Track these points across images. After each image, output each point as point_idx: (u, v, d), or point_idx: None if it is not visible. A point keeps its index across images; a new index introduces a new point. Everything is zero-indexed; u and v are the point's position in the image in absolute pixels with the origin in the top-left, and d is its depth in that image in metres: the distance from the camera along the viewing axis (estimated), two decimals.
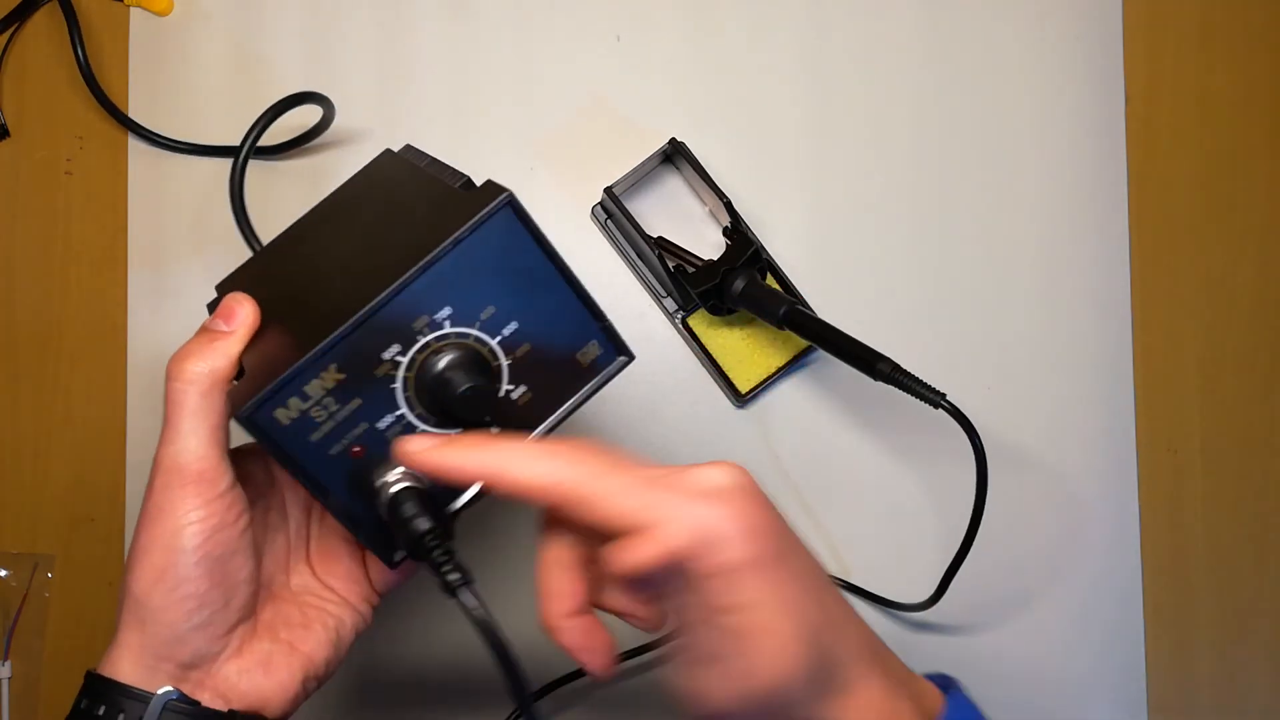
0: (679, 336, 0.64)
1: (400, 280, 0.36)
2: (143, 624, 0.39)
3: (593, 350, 0.40)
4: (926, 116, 0.65)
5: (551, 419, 0.41)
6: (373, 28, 0.65)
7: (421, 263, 0.36)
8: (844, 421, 0.64)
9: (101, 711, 0.39)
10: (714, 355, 0.62)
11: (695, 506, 0.34)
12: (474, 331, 0.38)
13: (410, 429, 0.38)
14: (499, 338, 0.38)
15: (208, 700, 0.40)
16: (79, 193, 0.64)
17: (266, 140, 0.59)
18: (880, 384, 0.53)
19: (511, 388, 0.39)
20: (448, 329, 0.37)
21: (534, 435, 0.41)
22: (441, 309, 0.37)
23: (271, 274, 0.46)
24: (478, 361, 0.38)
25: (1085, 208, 0.65)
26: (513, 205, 0.37)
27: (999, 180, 0.65)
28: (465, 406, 0.37)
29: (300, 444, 0.37)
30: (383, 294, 0.36)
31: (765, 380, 0.62)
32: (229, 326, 0.40)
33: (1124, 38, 0.66)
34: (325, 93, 0.64)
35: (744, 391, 0.62)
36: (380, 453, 0.38)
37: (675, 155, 0.62)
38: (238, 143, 0.63)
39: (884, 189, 0.65)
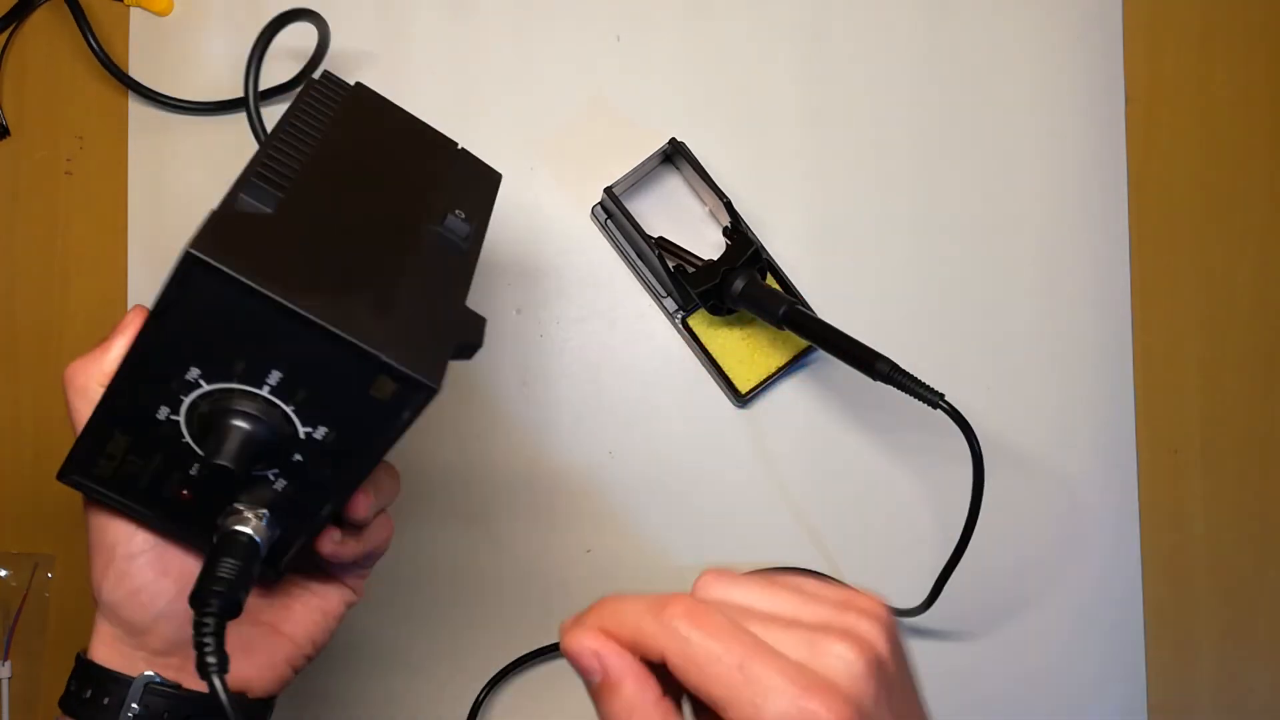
0: (679, 336, 0.64)
1: (127, 355, 0.35)
2: (107, 617, 0.40)
3: (387, 385, 0.35)
4: (926, 117, 0.65)
5: (364, 465, 0.38)
6: (372, 28, 0.65)
7: (140, 334, 0.34)
8: (844, 422, 0.64)
9: (89, 694, 0.40)
10: (714, 355, 0.62)
11: (798, 700, 0.29)
12: (233, 386, 0.35)
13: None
14: (266, 387, 0.35)
15: (189, 683, 0.41)
16: (79, 193, 0.64)
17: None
18: (880, 384, 0.53)
19: (310, 429, 0.36)
20: (205, 387, 0.35)
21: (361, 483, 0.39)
22: (189, 370, 0.35)
23: None
24: (249, 414, 0.35)
25: (1085, 208, 0.65)
26: (201, 266, 0.32)
27: (999, 180, 0.65)
28: (218, 480, 0.37)
29: (133, 491, 0.38)
30: (119, 370, 0.35)
31: (765, 380, 0.62)
32: (115, 334, 0.40)
33: (1124, 38, 0.66)
34: None
35: (744, 391, 0.62)
36: (209, 496, 0.38)
37: (675, 155, 0.62)
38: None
39: (884, 189, 0.65)
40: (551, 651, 0.62)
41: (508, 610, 0.63)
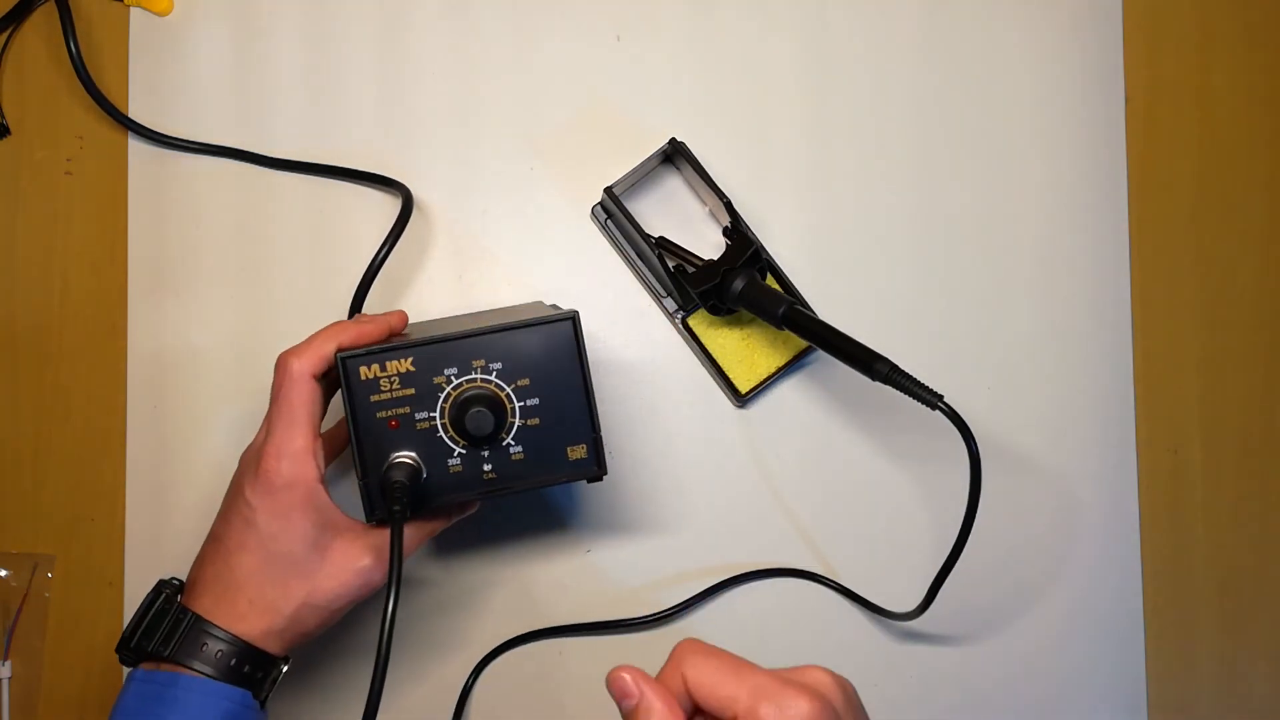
0: (679, 336, 0.64)
1: (471, 330, 0.50)
2: (289, 623, 0.50)
3: (580, 451, 0.51)
4: (927, 117, 0.65)
5: (521, 487, 0.51)
6: (373, 28, 0.65)
7: (492, 326, 0.50)
8: (844, 423, 0.64)
9: (247, 668, 0.49)
10: (714, 355, 0.62)
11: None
12: (507, 388, 0.50)
13: (433, 431, 0.50)
14: (522, 403, 0.50)
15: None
16: (79, 193, 0.64)
17: (278, 151, 0.59)
18: (881, 385, 0.53)
19: (513, 444, 0.50)
20: (492, 376, 0.50)
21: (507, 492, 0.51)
22: (495, 363, 0.50)
23: None
24: (497, 409, 0.49)
25: (1085, 208, 0.65)
26: (574, 323, 0.50)
27: (999, 180, 0.65)
28: (473, 438, 0.49)
29: (362, 396, 0.49)
30: (458, 333, 0.50)
31: (765, 380, 0.62)
32: (325, 336, 0.51)
33: (1124, 38, 0.66)
34: (325, 92, 0.64)
35: (744, 391, 0.62)
36: (407, 436, 0.50)
37: (675, 155, 0.62)
38: (237, 144, 0.64)
39: (884, 189, 0.65)
40: (538, 637, 0.62)
41: (509, 610, 0.63)
